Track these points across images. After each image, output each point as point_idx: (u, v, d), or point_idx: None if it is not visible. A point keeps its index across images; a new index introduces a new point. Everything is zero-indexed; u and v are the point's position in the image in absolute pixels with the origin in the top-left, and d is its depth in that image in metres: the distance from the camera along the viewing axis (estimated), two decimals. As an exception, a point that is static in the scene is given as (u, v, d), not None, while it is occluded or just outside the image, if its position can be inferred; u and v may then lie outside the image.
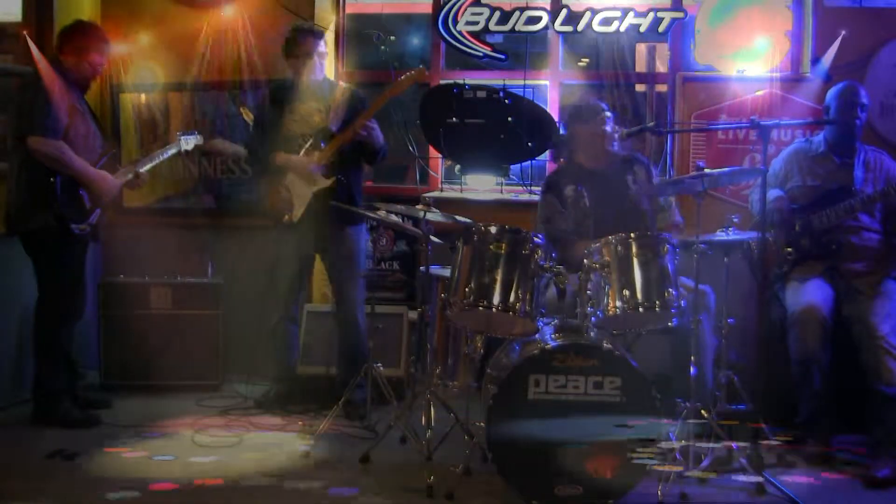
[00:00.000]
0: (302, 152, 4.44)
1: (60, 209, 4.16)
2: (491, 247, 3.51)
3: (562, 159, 4.49)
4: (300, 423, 4.34)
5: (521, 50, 5.33)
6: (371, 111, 4.40)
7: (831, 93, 4.27)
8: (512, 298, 3.45)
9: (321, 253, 4.64)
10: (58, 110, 4.12)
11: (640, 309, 3.45)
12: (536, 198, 4.47)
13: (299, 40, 4.50)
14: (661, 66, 5.51)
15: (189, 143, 4.79)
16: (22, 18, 5.18)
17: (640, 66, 5.64)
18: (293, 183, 4.48)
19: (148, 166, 4.60)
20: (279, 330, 4.66)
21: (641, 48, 5.57)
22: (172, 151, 4.73)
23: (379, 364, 4.14)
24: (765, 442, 3.72)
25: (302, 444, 3.96)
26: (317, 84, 4.55)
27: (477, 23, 5.14)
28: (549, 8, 5.17)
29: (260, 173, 4.75)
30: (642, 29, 5.03)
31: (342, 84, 4.76)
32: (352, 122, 4.42)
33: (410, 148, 5.30)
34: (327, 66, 5.43)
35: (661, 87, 5.39)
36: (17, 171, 4.20)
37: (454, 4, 5.14)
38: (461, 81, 5.21)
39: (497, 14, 5.12)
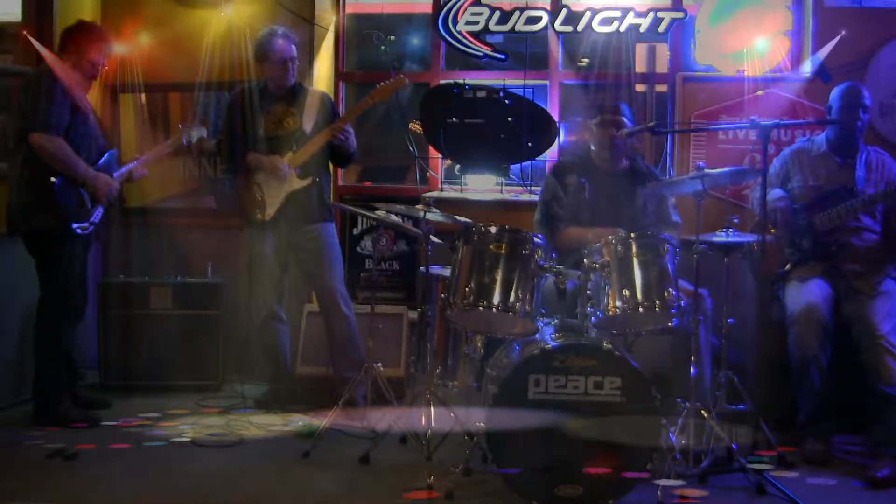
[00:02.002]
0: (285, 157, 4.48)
1: (61, 209, 4.16)
2: (491, 247, 3.51)
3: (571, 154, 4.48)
4: (300, 423, 4.33)
5: (521, 50, 5.33)
6: (350, 116, 4.48)
7: (834, 93, 4.26)
8: (512, 298, 3.46)
9: (294, 251, 4.63)
10: (61, 108, 4.13)
11: (640, 309, 3.46)
12: (536, 198, 4.47)
13: (273, 46, 4.51)
14: (661, 66, 5.51)
15: (193, 135, 4.80)
16: (22, 18, 5.17)
17: (640, 66, 5.63)
18: (265, 182, 4.50)
19: (151, 159, 4.63)
20: (267, 330, 4.65)
21: (641, 48, 5.56)
22: (176, 144, 4.75)
23: (379, 364, 4.14)
24: (764, 442, 3.73)
25: (302, 444, 3.96)
26: (288, 88, 4.59)
27: (477, 23, 5.13)
28: (549, 8, 5.17)
29: (232, 172, 4.71)
30: (642, 29, 5.02)
31: (313, 89, 4.82)
32: (324, 125, 4.48)
33: (410, 148, 5.30)
34: (327, 66, 5.46)
35: (661, 87, 5.39)
36: (20, 170, 4.20)
37: (454, 4, 5.13)
38: (461, 81, 5.21)
39: (497, 14, 5.11)
